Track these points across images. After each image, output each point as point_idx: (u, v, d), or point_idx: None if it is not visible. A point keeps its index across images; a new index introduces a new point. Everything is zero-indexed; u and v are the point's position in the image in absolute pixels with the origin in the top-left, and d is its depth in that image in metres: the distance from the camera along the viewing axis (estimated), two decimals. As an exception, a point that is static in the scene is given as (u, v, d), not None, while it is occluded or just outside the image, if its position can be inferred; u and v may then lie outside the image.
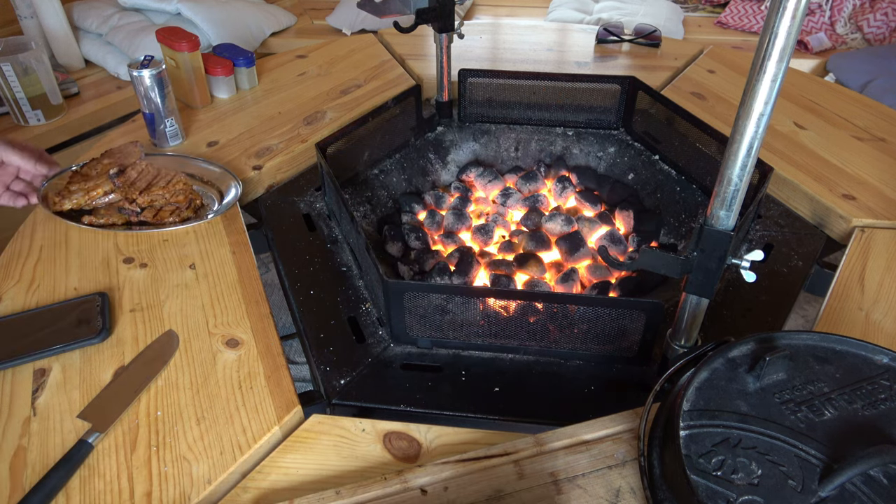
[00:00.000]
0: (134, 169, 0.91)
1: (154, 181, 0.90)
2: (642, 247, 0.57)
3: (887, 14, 2.09)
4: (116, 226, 0.87)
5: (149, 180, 0.89)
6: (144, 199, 0.87)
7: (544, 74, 1.12)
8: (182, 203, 0.90)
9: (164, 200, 0.89)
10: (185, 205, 0.90)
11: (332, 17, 2.11)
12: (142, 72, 0.98)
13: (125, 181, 0.88)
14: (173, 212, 0.88)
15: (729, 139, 0.50)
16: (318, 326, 0.76)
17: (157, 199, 0.88)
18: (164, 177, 0.90)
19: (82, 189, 0.87)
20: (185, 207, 0.90)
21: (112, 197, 0.88)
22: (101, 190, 0.87)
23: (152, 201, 0.88)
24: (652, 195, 1.06)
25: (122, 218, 0.87)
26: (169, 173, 0.91)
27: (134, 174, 0.90)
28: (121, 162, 0.92)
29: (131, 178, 0.89)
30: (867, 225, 0.89)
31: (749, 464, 0.47)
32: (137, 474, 0.57)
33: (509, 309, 0.70)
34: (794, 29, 0.43)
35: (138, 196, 0.87)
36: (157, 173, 0.91)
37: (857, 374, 0.53)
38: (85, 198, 0.87)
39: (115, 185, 0.88)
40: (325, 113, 1.17)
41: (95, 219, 0.86)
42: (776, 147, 1.06)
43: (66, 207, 0.86)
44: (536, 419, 0.66)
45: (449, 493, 0.53)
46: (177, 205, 0.89)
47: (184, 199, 0.90)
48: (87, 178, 0.89)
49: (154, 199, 0.88)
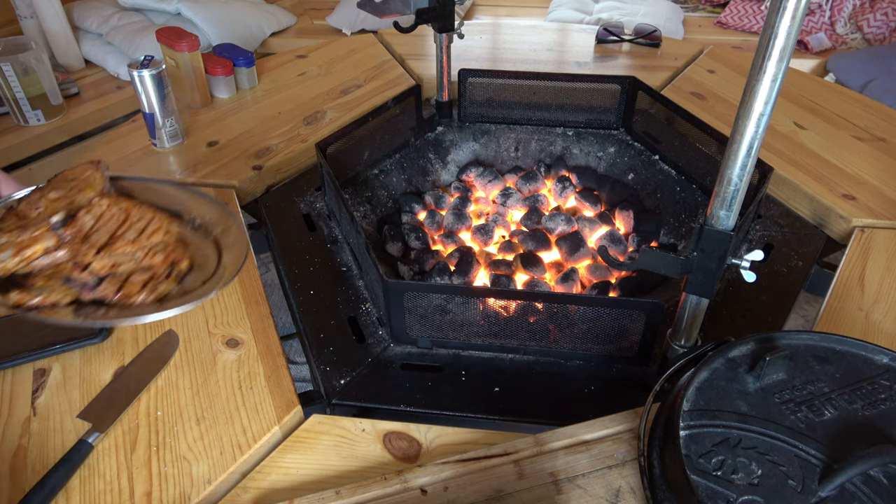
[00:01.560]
0: (90, 213, 0.62)
1: (120, 231, 0.62)
2: (642, 247, 0.58)
3: (887, 14, 2.09)
4: (59, 308, 0.57)
5: (112, 230, 0.62)
6: (102, 264, 0.59)
7: (544, 74, 1.12)
8: (160, 268, 0.61)
9: (133, 265, 0.61)
10: (164, 271, 0.61)
11: (332, 17, 2.11)
12: (142, 72, 0.98)
13: (76, 233, 0.60)
14: (147, 283, 0.60)
15: (729, 139, 0.50)
16: (318, 326, 0.76)
17: (123, 263, 0.60)
18: (135, 223, 0.63)
19: (11, 244, 0.58)
20: (164, 276, 0.61)
21: (61, 255, 0.59)
22: (40, 247, 0.58)
23: (115, 266, 0.60)
24: (652, 195, 1.06)
25: (68, 294, 0.58)
26: (143, 215, 0.64)
27: (89, 221, 0.61)
28: (70, 200, 0.62)
29: (85, 227, 0.61)
30: (867, 225, 0.89)
31: (749, 464, 0.47)
32: (137, 474, 0.57)
33: (509, 309, 0.70)
34: (794, 29, 0.43)
35: (94, 258, 0.59)
36: (124, 217, 0.63)
37: (857, 374, 0.53)
38: (14, 260, 0.57)
39: (62, 239, 0.60)
40: (325, 113, 1.17)
41: (26, 296, 0.56)
42: (776, 147, 1.06)
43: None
44: (536, 419, 0.66)
45: (449, 493, 0.53)
46: (152, 271, 0.61)
47: (163, 263, 0.62)
48: (23, 222, 0.60)
49: (118, 262, 0.60)
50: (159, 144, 1.05)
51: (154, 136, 1.04)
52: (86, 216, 0.62)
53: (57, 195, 0.63)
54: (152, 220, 0.64)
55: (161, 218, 0.65)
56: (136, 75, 0.98)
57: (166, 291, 0.61)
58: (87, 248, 0.60)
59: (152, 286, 0.60)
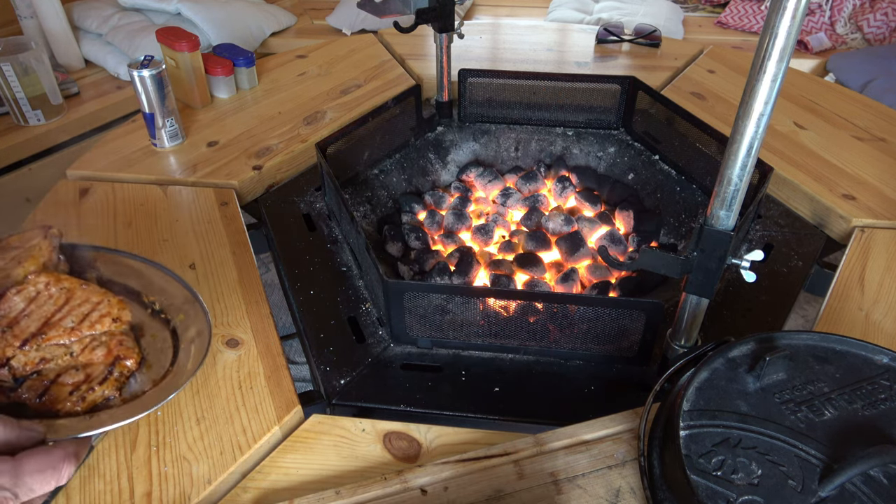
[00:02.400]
0: (21, 293, 0.52)
1: (56, 317, 0.51)
2: (642, 247, 0.58)
3: (887, 14, 2.09)
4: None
5: (46, 315, 0.51)
6: (27, 360, 0.49)
7: (544, 74, 1.12)
8: (98, 368, 0.51)
9: (66, 360, 0.51)
10: (102, 371, 0.51)
11: (332, 17, 2.11)
12: (142, 72, 0.98)
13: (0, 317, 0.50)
14: (77, 387, 0.50)
15: (729, 139, 0.50)
16: (318, 326, 0.76)
17: (54, 358, 0.50)
18: (76, 307, 0.53)
19: None
20: (102, 377, 0.51)
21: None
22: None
23: (42, 362, 0.50)
24: (652, 195, 1.06)
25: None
26: (88, 297, 0.54)
27: (19, 303, 0.51)
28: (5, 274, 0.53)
29: (13, 310, 0.51)
30: (867, 225, 0.89)
31: (749, 464, 0.47)
32: (137, 474, 0.57)
33: (509, 309, 0.70)
34: (794, 29, 0.43)
35: (18, 351, 0.49)
36: (65, 299, 0.53)
37: (857, 374, 0.53)
38: None
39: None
40: (325, 113, 1.17)
41: None
42: (776, 147, 1.06)
43: None
44: (536, 419, 0.66)
45: (449, 493, 0.53)
46: (87, 373, 0.50)
47: (104, 360, 0.51)
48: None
49: (47, 356, 0.50)
50: (159, 144, 1.05)
51: (154, 136, 1.04)
52: (15, 297, 0.52)
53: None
54: (99, 304, 0.54)
55: (111, 302, 0.55)
56: (136, 75, 0.98)
57: (100, 398, 0.50)
58: (10, 338, 0.49)
59: (83, 391, 0.49)
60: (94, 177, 0.99)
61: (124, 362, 0.53)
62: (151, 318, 0.59)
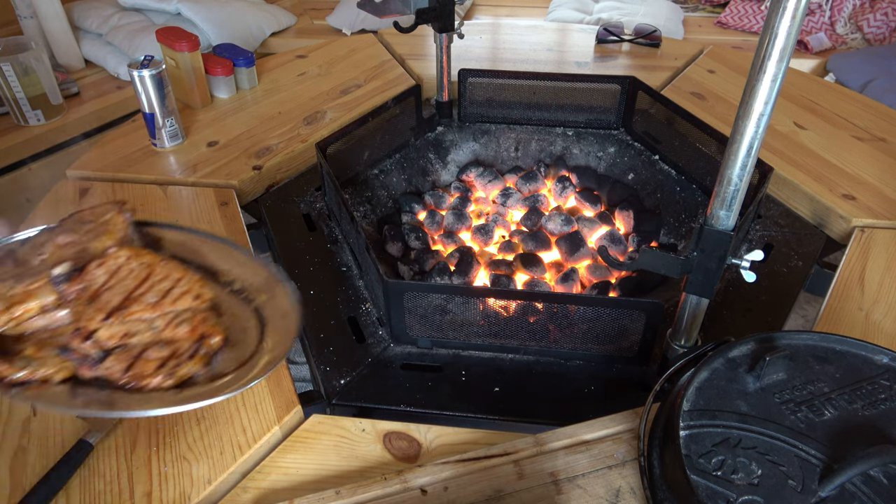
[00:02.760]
0: (103, 266, 0.52)
1: (138, 292, 0.51)
2: (642, 247, 0.58)
3: (887, 14, 2.09)
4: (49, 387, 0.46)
5: (128, 290, 0.51)
6: (111, 333, 0.48)
7: (544, 74, 1.12)
8: (185, 344, 0.50)
9: (150, 336, 0.50)
10: (189, 348, 0.50)
11: (332, 17, 2.11)
12: (142, 72, 0.98)
13: (82, 290, 0.50)
14: (165, 362, 0.49)
15: (729, 139, 0.50)
16: (318, 326, 0.76)
17: (138, 333, 0.49)
18: (157, 283, 0.52)
19: (2, 297, 0.48)
20: (188, 354, 0.50)
21: (62, 315, 0.49)
22: (35, 305, 0.48)
23: (126, 336, 0.49)
24: (652, 195, 1.06)
25: (63, 368, 0.47)
26: (169, 273, 0.53)
27: (101, 277, 0.51)
28: (82, 248, 0.52)
29: (95, 283, 0.50)
30: (867, 225, 0.89)
31: (749, 464, 0.47)
32: (137, 474, 0.57)
33: (509, 309, 0.70)
34: (794, 29, 0.43)
35: (101, 324, 0.49)
36: (146, 275, 0.52)
37: (857, 374, 0.53)
38: (2, 318, 0.47)
39: (63, 297, 0.49)
40: (325, 113, 1.17)
41: (8, 369, 0.45)
42: (776, 147, 1.06)
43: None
44: (536, 419, 0.66)
45: (449, 493, 0.53)
46: (173, 349, 0.50)
47: (189, 337, 0.51)
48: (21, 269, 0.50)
49: (131, 331, 0.49)
50: (159, 144, 1.05)
51: (154, 136, 1.04)
52: (97, 270, 0.51)
53: (67, 240, 0.52)
54: (180, 280, 0.53)
55: (192, 278, 0.53)
56: (136, 75, 0.98)
57: (188, 375, 0.48)
58: (93, 311, 0.48)
59: (171, 367, 0.48)
60: (94, 177, 0.99)
61: (210, 340, 0.51)
62: (231, 297, 0.56)
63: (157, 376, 0.47)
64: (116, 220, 0.55)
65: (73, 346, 0.47)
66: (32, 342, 0.47)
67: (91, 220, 0.55)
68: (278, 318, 0.55)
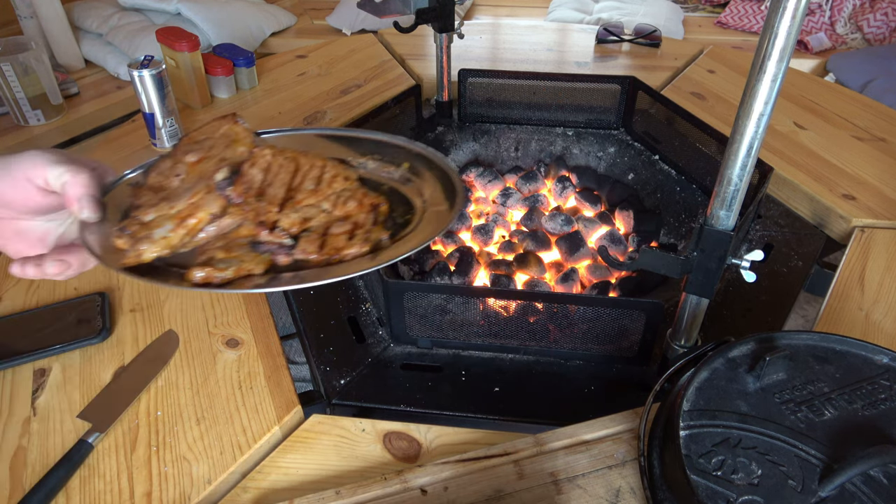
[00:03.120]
0: (255, 166, 0.53)
1: (295, 182, 0.53)
2: (642, 247, 0.58)
3: (887, 14, 2.09)
4: (256, 279, 0.47)
5: (286, 183, 0.53)
6: (291, 221, 0.50)
7: (544, 74, 1.12)
8: (360, 216, 0.52)
9: (324, 217, 0.52)
10: (368, 218, 0.52)
11: (332, 17, 2.11)
12: (142, 72, 0.98)
13: (246, 190, 0.51)
14: (352, 235, 0.50)
15: (729, 139, 0.50)
16: (318, 326, 0.76)
17: (313, 218, 0.51)
18: (308, 173, 0.54)
19: (168, 217, 0.49)
20: (373, 221, 0.52)
21: (228, 223, 0.50)
22: (204, 214, 0.50)
23: (305, 223, 0.51)
24: (652, 195, 1.06)
25: (260, 261, 0.48)
26: (314, 162, 0.55)
27: (258, 175, 0.53)
28: (221, 158, 0.53)
29: (255, 182, 0.52)
30: (867, 225, 0.89)
31: (749, 464, 0.47)
32: (137, 474, 0.57)
33: (509, 309, 0.70)
34: (794, 29, 0.43)
35: (280, 215, 0.51)
36: (294, 167, 0.54)
37: (857, 374, 0.53)
38: (178, 233, 0.49)
39: (231, 201, 0.51)
40: (325, 113, 1.17)
41: (216, 271, 0.46)
42: (776, 147, 1.06)
43: (146, 257, 0.48)
44: (536, 419, 0.66)
45: (449, 493, 0.53)
46: (353, 222, 0.51)
47: (359, 210, 0.52)
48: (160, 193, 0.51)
49: (306, 217, 0.51)
50: (159, 144, 1.05)
51: (154, 136, 1.04)
52: (251, 169, 0.52)
53: (197, 157, 0.53)
54: (324, 167, 0.55)
55: (333, 164, 0.56)
56: (136, 75, 0.98)
57: (378, 238, 0.51)
58: (266, 206, 0.50)
59: (362, 235, 0.50)
60: (94, 177, 0.99)
61: (381, 207, 0.53)
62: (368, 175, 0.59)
63: (353, 246, 0.49)
64: (237, 129, 0.56)
65: (263, 238, 0.49)
66: (213, 249, 0.48)
67: (207, 137, 0.56)
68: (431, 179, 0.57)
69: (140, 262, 0.48)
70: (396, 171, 0.59)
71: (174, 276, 0.47)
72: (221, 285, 0.46)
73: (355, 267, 0.48)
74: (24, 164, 0.47)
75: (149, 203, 0.50)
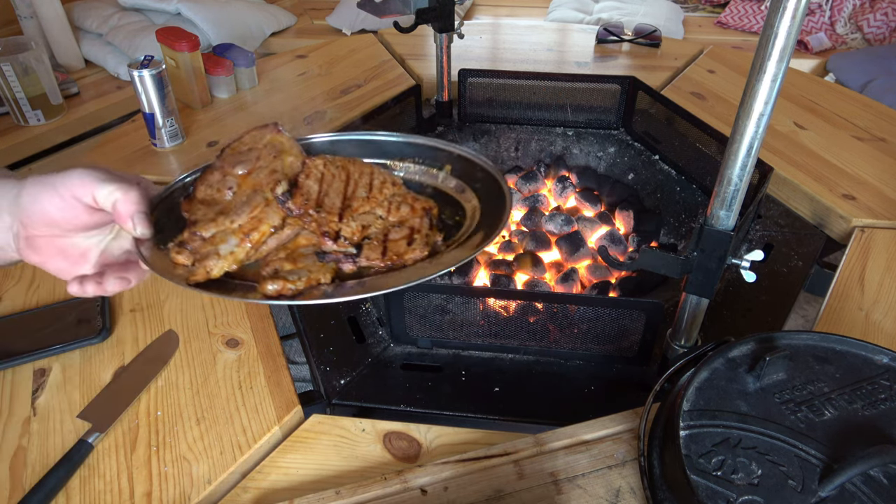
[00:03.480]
0: (310, 177, 0.55)
1: (349, 191, 0.55)
2: (642, 247, 0.58)
3: (887, 14, 2.09)
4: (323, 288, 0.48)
5: (341, 192, 0.54)
6: (352, 230, 0.52)
7: (544, 74, 1.12)
8: (416, 221, 0.53)
9: (382, 223, 0.53)
10: (422, 223, 0.53)
11: (332, 17, 2.11)
12: (142, 72, 0.98)
13: (305, 202, 0.53)
14: (411, 240, 0.52)
15: (729, 139, 0.50)
16: (318, 326, 0.76)
17: (371, 225, 0.53)
18: (358, 180, 0.56)
19: (231, 232, 0.50)
20: (429, 226, 0.54)
21: (288, 234, 0.52)
22: (266, 227, 0.51)
23: (364, 230, 0.52)
24: (652, 195, 1.06)
25: (327, 270, 0.50)
26: (362, 169, 0.56)
27: (313, 186, 0.54)
28: (272, 170, 0.54)
29: (312, 193, 0.53)
30: (867, 225, 0.89)
31: (749, 464, 0.47)
32: (137, 474, 0.57)
33: (509, 309, 0.70)
34: (794, 29, 0.43)
35: (342, 224, 0.52)
36: (345, 175, 0.56)
37: (857, 374, 0.53)
38: (244, 247, 0.50)
39: (292, 213, 0.52)
40: (325, 113, 1.17)
41: (289, 283, 0.47)
42: (776, 147, 1.06)
43: (216, 273, 0.49)
44: (536, 419, 0.66)
45: (449, 493, 0.53)
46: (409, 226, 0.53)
47: (413, 215, 0.54)
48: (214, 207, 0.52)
49: (364, 224, 0.53)
50: (159, 144, 1.05)
51: (154, 136, 1.04)
52: (307, 181, 0.54)
53: (246, 169, 0.54)
54: (373, 173, 0.56)
55: (380, 171, 0.57)
56: (136, 75, 0.98)
57: (434, 241, 0.52)
58: (326, 216, 0.51)
59: (421, 239, 0.51)
60: (94, 177, 0.99)
61: (432, 211, 0.55)
62: (410, 178, 0.60)
63: (414, 251, 0.51)
64: (281, 138, 0.58)
65: (329, 248, 0.51)
66: (276, 260, 0.50)
67: (251, 147, 0.57)
68: (478, 181, 0.58)
69: (208, 279, 0.49)
70: (439, 174, 0.60)
71: (236, 288, 0.48)
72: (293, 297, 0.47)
73: (420, 272, 0.49)
74: (71, 182, 0.47)
75: (206, 218, 0.51)
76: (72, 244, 0.51)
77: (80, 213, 0.48)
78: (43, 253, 0.50)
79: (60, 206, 0.47)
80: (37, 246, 0.49)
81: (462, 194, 0.58)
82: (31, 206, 0.47)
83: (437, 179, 0.60)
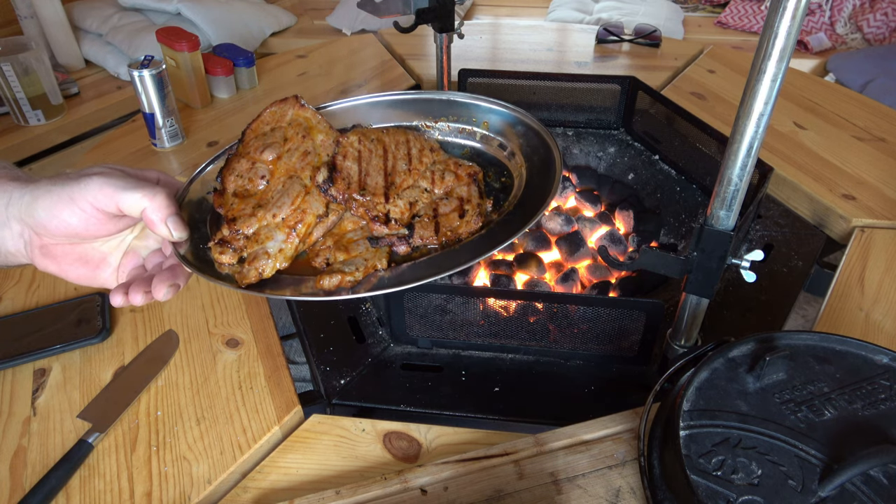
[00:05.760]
0: (347, 158, 0.51)
1: (389, 166, 0.51)
2: (642, 247, 0.57)
3: (887, 14, 2.09)
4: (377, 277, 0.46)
5: (381, 169, 0.50)
6: (400, 210, 0.49)
7: (544, 74, 1.12)
8: (463, 190, 0.50)
9: (427, 199, 0.50)
10: (471, 191, 0.50)
11: (332, 17, 2.11)
12: (142, 72, 0.98)
13: (347, 186, 0.49)
14: (462, 212, 0.49)
15: (729, 139, 0.50)
16: (318, 326, 0.76)
17: (418, 201, 0.50)
18: (395, 150, 0.51)
19: (275, 226, 0.47)
20: (478, 194, 0.50)
21: (332, 219, 0.49)
22: (312, 217, 0.48)
23: (412, 207, 0.49)
24: (652, 195, 1.06)
25: (381, 255, 0.47)
26: (397, 138, 0.52)
27: (353, 167, 0.50)
28: (304, 153, 0.51)
29: (353, 176, 0.50)
30: (867, 225, 0.89)
31: (749, 464, 0.47)
32: (137, 474, 0.57)
33: (509, 309, 0.70)
34: (794, 29, 0.43)
35: (389, 205, 0.49)
36: (383, 148, 0.52)
37: (857, 374, 0.53)
38: (292, 242, 0.47)
39: (336, 200, 0.49)
40: (325, 113, 1.17)
41: (348, 275, 0.45)
42: (776, 147, 1.06)
43: (268, 273, 0.47)
44: (536, 419, 0.66)
45: (449, 493, 0.53)
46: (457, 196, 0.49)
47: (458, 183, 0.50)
48: (249, 200, 0.49)
49: (412, 200, 0.50)
50: (159, 144, 1.05)
51: (154, 136, 1.04)
52: (346, 162, 0.50)
53: (275, 153, 0.50)
54: (408, 142, 0.52)
55: (416, 137, 0.53)
56: (136, 75, 0.98)
57: (486, 209, 0.49)
58: (371, 198, 0.48)
59: (472, 210, 0.48)
60: (94, 177, 0.99)
61: (478, 176, 0.52)
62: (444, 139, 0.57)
63: (468, 224, 0.48)
64: (305, 114, 0.54)
65: (380, 232, 0.48)
66: (325, 249, 0.48)
67: (274, 127, 0.53)
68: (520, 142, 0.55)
69: (261, 278, 0.47)
70: (476, 132, 0.56)
71: (287, 283, 0.46)
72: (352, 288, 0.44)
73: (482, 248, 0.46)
74: (90, 192, 0.44)
75: (244, 213, 0.48)
76: (92, 249, 0.49)
77: (104, 222, 0.46)
78: (61, 261, 0.48)
79: (82, 217, 0.45)
80: (54, 254, 0.48)
81: (503, 152, 0.55)
82: (49, 222, 0.45)
83: (475, 138, 0.56)
